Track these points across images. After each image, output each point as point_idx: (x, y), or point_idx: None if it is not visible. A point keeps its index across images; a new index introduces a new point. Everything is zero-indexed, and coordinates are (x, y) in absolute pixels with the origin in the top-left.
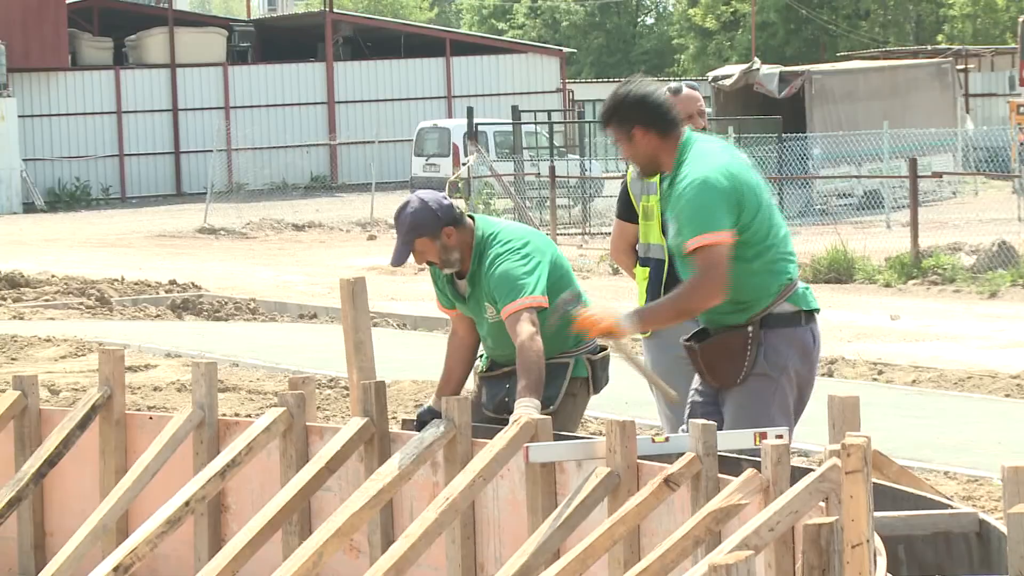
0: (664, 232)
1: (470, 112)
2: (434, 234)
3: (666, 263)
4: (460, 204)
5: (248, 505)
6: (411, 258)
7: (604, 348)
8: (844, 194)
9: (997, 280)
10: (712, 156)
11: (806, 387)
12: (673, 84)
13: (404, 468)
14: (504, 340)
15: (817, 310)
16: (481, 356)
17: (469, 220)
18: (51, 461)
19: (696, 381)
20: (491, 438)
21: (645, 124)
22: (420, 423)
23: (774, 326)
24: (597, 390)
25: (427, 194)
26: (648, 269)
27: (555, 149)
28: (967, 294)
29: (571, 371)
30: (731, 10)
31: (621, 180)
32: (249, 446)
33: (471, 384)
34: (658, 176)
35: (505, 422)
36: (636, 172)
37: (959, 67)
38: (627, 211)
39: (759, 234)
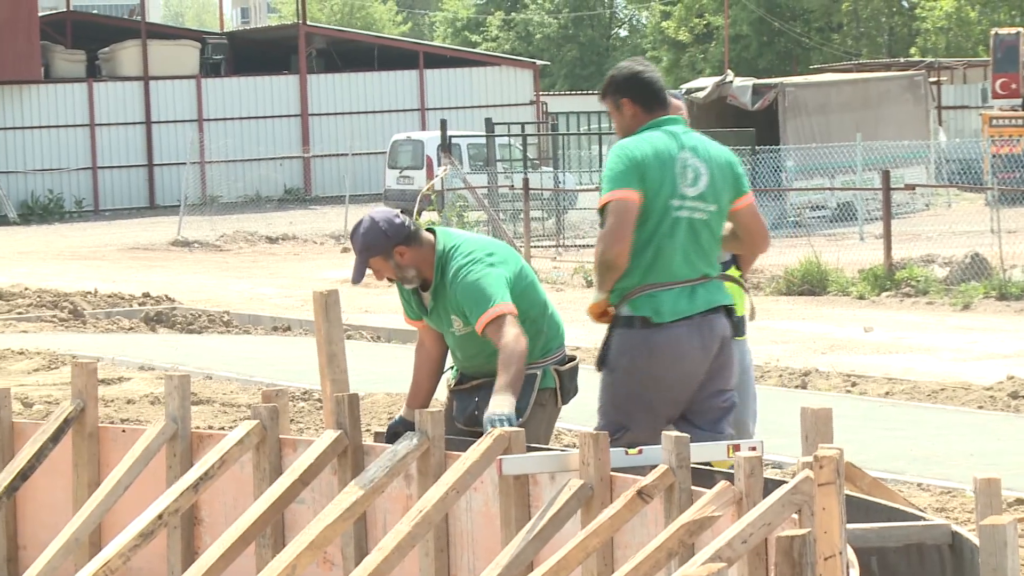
0: None
1: (443, 124)
2: (386, 254)
3: None
4: (433, 217)
5: (221, 518)
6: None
7: (572, 359)
8: (817, 206)
9: (970, 292)
10: (647, 136)
11: (660, 388)
12: None
13: (377, 481)
14: (472, 351)
15: (649, 317)
16: (451, 368)
17: (429, 235)
18: (24, 474)
19: None
20: (465, 451)
21: (632, 97)
22: (391, 435)
23: (614, 326)
24: (565, 401)
25: (379, 213)
26: None
27: (529, 161)
28: (940, 306)
29: (539, 382)
30: (704, 23)
31: None
32: (222, 459)
33: (443, 394)
34: None
35: (476, 435)
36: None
37: (932, 79)
38: None
39: (640, 222)
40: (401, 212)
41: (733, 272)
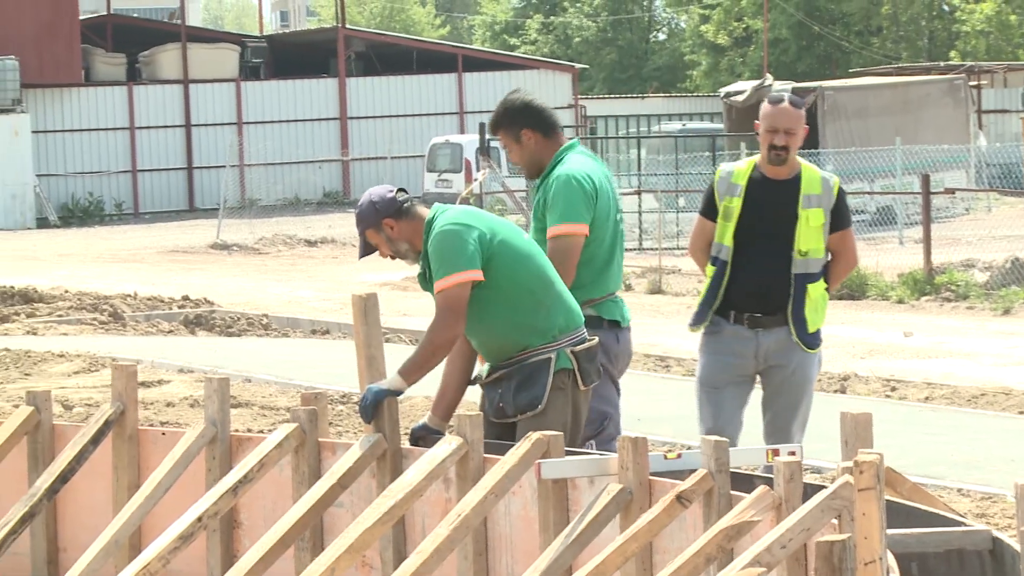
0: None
1: (482, 128)
2: (376, 226)
3: (728, 265)
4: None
5: (260, 521)
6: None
7: (590, 339)
8: (857, 210)
9: (1011, 297)
10: (582, 163)
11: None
12: (775, 94)
13: (416, 484)
14: (471, 328)
15: (617, 321)
16: (487, 366)
17: (424, 209)
18: (64, 477)
19: None
20: (503, 454)
21: (531, 126)
22: (413, 439)
23: (590, 326)
24: (587, 383)
25: (376, 189)
26: (715, 268)
27: None
28: (980, 311)
29: (554, 365)
30: (743, 26)
31: (710, 178)
32: (261, 462)
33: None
34: (740, 177)
35: (505, 427)
36: (527, 178)
37: (972, 83)
38: (710, 209)
39: (594, 243)
40: (399, 189)
41: (821, 285)
